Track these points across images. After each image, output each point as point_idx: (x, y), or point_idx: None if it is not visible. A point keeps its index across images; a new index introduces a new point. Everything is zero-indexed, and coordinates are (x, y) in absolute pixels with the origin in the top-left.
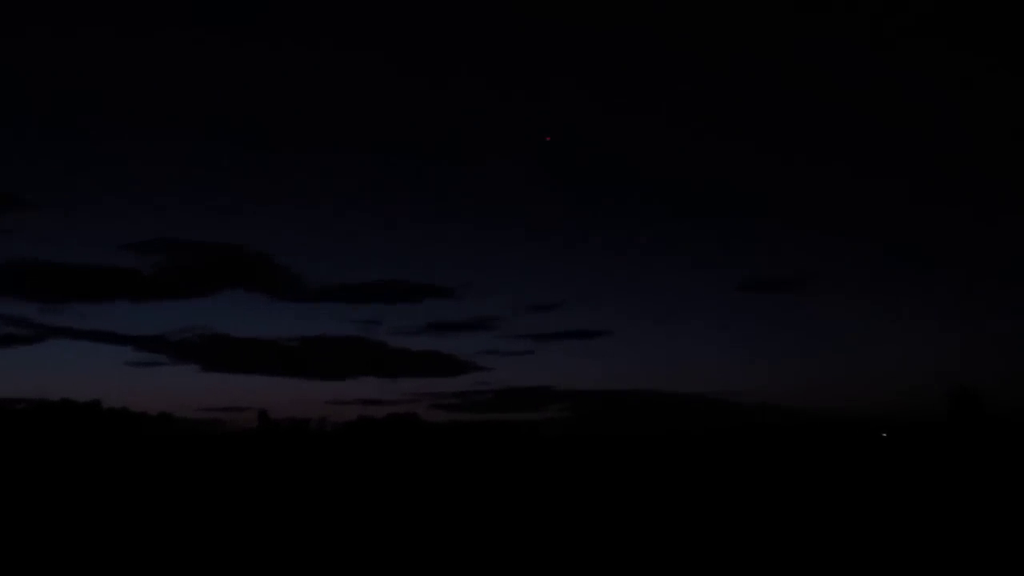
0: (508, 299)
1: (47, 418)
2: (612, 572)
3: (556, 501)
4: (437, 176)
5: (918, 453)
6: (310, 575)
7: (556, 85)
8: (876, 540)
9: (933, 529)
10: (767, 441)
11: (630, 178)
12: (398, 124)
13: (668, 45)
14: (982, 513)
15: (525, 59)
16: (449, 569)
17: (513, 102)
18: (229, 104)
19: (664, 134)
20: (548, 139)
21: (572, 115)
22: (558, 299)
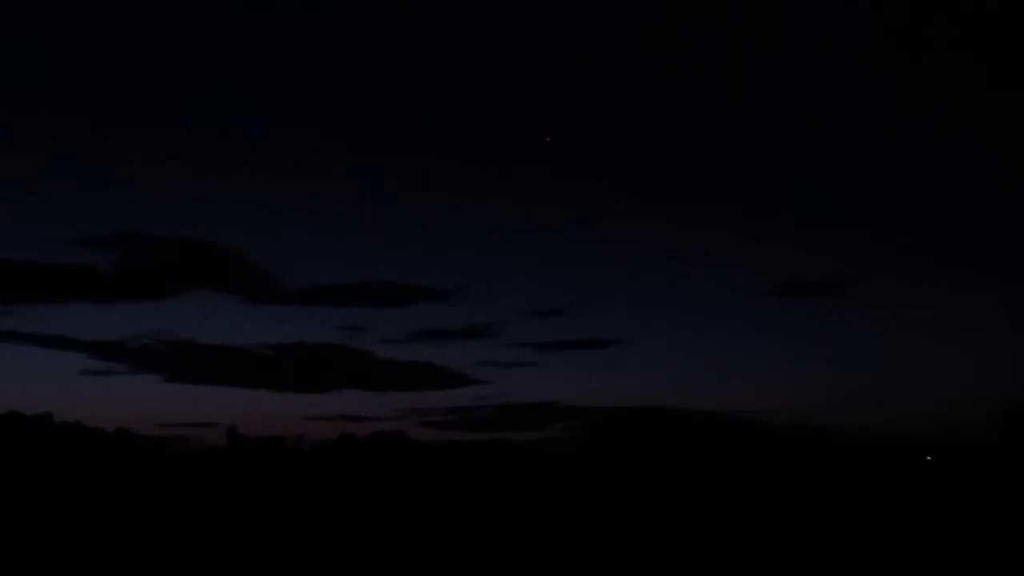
0: (509, 304)
1: None
2: None
3: (562, 531)
4: (429, 168)
5: (967, 479)
6: None
7: (564, 78)
8: (919, 573)
9: (984, 563)
10: (799, 463)
11: (646, 174)
12: (387, 113)
13: (682, 40)
14: None
15: (532, 47)
16: None
17: (516, 92)
18: (198, 88)
19: (684, 128)
20: (548, 139)
21: (583, 108)
22: (565, 304)
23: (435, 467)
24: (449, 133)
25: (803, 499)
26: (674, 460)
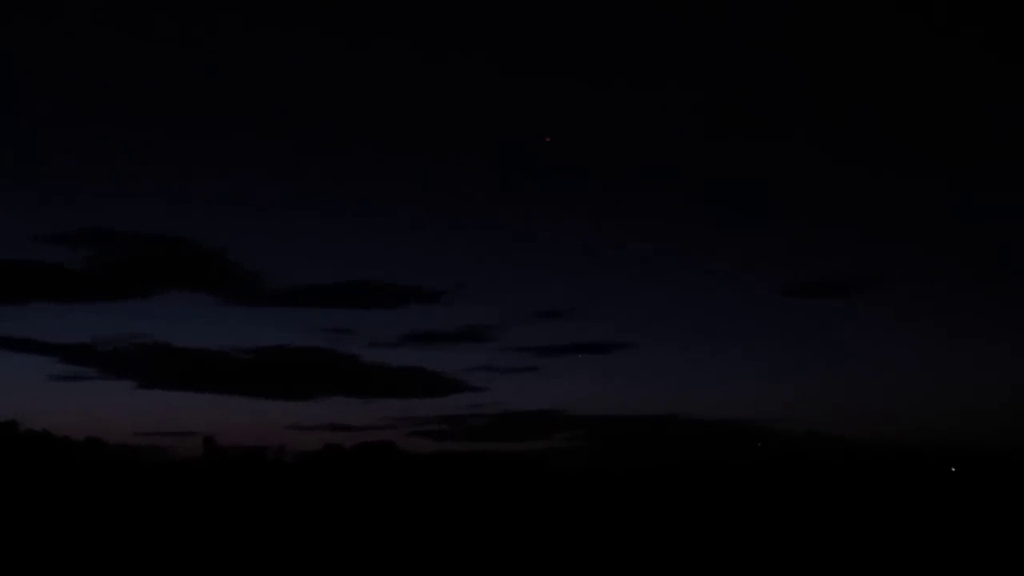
0: (506, 305)
1: None
2: None
3: (565, 547)
4: (426, 166)
5: (994, 493)
6: None
7: (565, 78)
8: None
9: None
10: (816, 475)
11: (652, 171)
12: (376, 107)
13: (691, 42)
14: None
15: (532, 48)
16: None
17: (515, 92)
18: (173, 77)
19: (689, 130)
20: (548, 139)
21: (584, 109)
22: (566, 305)
23: (427, 480)
24: (446, 131)
25: (822, 513)
26: (682, 472)
